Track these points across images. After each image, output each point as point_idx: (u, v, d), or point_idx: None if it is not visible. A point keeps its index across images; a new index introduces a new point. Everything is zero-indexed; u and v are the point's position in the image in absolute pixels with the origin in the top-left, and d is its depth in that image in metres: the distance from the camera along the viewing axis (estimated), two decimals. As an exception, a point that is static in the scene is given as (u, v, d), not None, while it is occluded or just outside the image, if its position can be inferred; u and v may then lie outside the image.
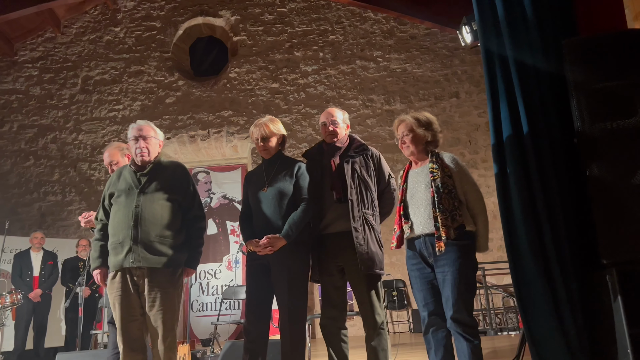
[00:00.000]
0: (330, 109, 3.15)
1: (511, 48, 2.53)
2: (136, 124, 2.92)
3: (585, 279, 2.33)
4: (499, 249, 8.09)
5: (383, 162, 3.07)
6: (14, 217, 8.46)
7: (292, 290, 2.81)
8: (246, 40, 9.60)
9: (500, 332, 7.13)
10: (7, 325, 6.30)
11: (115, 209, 2.80)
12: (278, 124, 3.04)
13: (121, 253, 2.69)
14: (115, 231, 2.75)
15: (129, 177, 2.86)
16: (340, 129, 3.07)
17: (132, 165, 2.89)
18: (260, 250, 2.79)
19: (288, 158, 3.06)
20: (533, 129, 2.43)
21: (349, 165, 2.95)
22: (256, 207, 2.92)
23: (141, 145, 2.82)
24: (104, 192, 2.88)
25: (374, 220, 2.92)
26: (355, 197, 2.87)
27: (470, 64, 9.08)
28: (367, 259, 2.78)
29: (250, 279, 2.91)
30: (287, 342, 2.78)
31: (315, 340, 7.20)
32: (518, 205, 2.43)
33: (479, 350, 2.46)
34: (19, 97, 9.56)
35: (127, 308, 2.68)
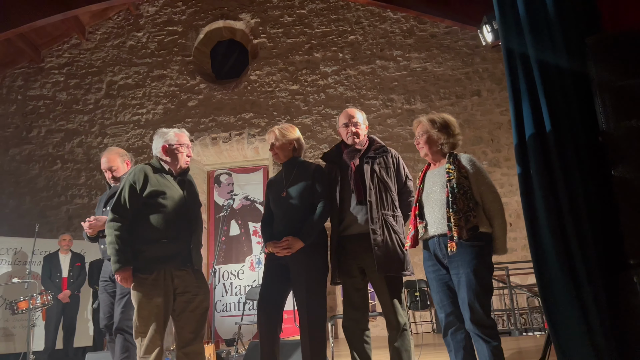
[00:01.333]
0: (350, 109, 3.14)
1: (533, 47, 2.51)
2: (180, 130, 3.00)
3: (611, 279, 2.30)
4: (523, 249, 7.99)
5: (402, 164, 3.07)
6: (43, 220, 8.68)
7: (311, 292, 2.85)
8: (266, 42, 9.67)
9: (525, 333, 7.05)
10: (38, 325, 6.46)
11: (164, 210, 2.75)
12: (288, 131, 3.09)
13: (169, 255, 2.71)
14: (166, 233, 2.72)
15: (167, 181, 2.87)
16: (361, 130, 3.08)
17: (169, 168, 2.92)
18: (278, 251, 2.84)
19: (305, 162, 3.10)
20: (556, 128, 2.40)
21: (368, 167, 2.96)
22: (276, 211, 3.00)
23: (190, 153, 2.97)
24: (128, 189, 2.75)
25: (395, 221, 2.92)
26: (375, 198, 2.88)
27: (491, 61, 8.99)
28: (384, 261, 2.79)
29: (267, 277, 2.97)
30: (307, 347, 2.82)
31: (338, 341, 7.21)
32: (542, 205, 2.41)
33: (499, 351, 2.44)
34: (46, 102, 9.80)
35: (167, 309, 2.70)
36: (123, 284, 2.67)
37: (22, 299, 5.37)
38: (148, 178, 2.79)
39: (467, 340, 2.54)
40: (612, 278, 2.30)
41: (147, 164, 2.92)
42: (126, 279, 2.66)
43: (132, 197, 2.74)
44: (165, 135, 2.94)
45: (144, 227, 2.74)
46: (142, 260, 2.69)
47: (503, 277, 7.23)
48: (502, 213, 2.59)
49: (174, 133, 2.95)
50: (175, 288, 2.74)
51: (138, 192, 2.75)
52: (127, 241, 2.68)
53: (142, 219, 2.75)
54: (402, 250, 2.87)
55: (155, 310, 2.65)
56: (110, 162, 3.53)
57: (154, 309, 2.65)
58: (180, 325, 2.77)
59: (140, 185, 2.75)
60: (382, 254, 2.79)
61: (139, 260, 2.69)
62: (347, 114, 3.11)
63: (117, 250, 2.64)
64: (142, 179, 2.77)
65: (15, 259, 7.14)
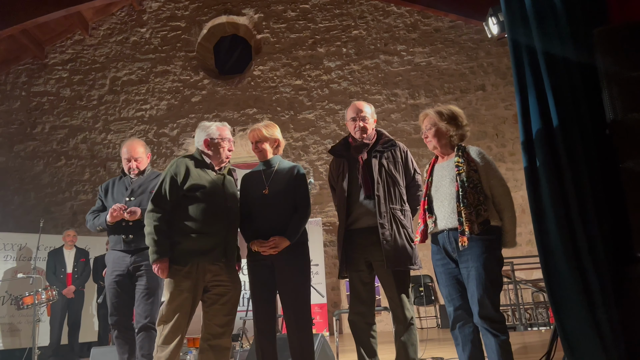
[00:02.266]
0: (358, 103, 3.11)
1: (539, 39, 2.48)
2: (223, 124, 3.00)
3: (618, 273, 2.28)
4: (528, 244, 7.96)
5: (410, 158, 3.05)
6: (47, 216, 8.70)
7: (297, 290, 2.87)
8: (269, 37, 9.64)
9: (530, 328, 7.03)
10: (43, 321, 6.49)
11: (204, 204, 2.77)
12: (272, 129, 3.09)
13: (207, 248, 2.73)
14: (207, 225, 2.74)
15: (209, 175, 2.87)
16: (369, 125, 3.05)
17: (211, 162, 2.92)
18: (265, 250, 2.83)
19: (286, 162, 3.11)
20: (563, 120, 2.38)
21: (377, 161, 2.95)
22: (258, 209, 2.97)
23: (232, 147, 2.98)
24: (169, 181, 2.76)
25: (403, 215, 2.91)
26: (383, 192, 2.87)
27: (496, 55, 8.94)
28: (392, 255, 2.78)
29: (255, 278, 2.96)
30: (296, 343, 2.84)
31: (343, 336, 7.21)
32: (548, 199, 2.39)
33: (507, 345, 2.43)
34: (50, 98, 9.81)
35: (194, 304, 2.72)
36: (159, 274, 2.70)
37: (28, 294, 5.39)
38: (189, 171, 2.81)
39: (475, 334, 2.53)
40: (619, 271, 2.27)
41: (188, 156, 2.93)
42: (163, 269, 2.68)
43: (172, 189, 2.76)
44: (208, 129, 2.95)
45: (182, 219, 2.76)
46: (177, 252, 2.71)
47: (508, 272, 7.21)
48: (512, 206, 2.56)
49: (216, 127, 2.96)
50: (207, 282, 2.76)
51: (179, 185, 2.76)
52: (165, 232, 2.71)
53: (180, 211, 2.77)
54: (411, 244, 2.86)
55: (183, 302, 2.68)
56: (134, 153, 3.49)
57: (183, 300, 2.68)
58: (208, 317, 2.79)
59: (182, 177, 2.77)
60: (391, 248, 2.79)
61: (175, 252, 2.71)
62: (355, 108, 3.07)
63: (156, 241, 2.68)
64: (184, 172, 2.79)
65: (20, 254, 7.16)
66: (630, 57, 2.27)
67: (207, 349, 2.76)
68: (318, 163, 8.90)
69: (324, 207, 8.40)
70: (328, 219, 8.47)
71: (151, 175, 3.57)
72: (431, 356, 4.23)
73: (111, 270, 3.36)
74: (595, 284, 2.26)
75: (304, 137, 9.02)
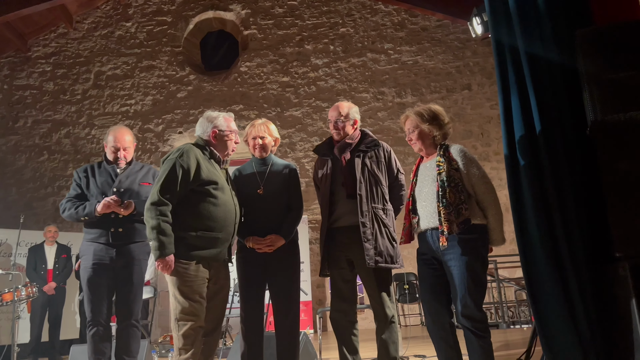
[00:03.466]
0: (339, 104, 3.11)
1: (522, 39, 2.49)
2: (229, 115, 2.88)
3: (597, 272, 2.30)
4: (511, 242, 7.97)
5: (393, 157, 3.07)
6: (29, 212, 8.57)
7: (287, 288, 2.91)
8: (257, 33, 9.59)
9: (512, 326, 7.10)
10: (23, 318, 6.39)
11: (216, 202, 2.65)
12: (274, 127, 3.12)
13: (217, 246, 2.66)
14: (217, 225, 2.64)
15: (216, 170, 2.74)
16: (347, 126, 3.04)
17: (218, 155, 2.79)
18: (261, 247, 2.85)
19: (279, 160, 3.12)
20: (545, 120, 2.40)
21: (359, 160, 2.95)
22: (251, 207, 2.96)
23: (238, 140, 2.88)
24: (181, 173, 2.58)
25: (385, 214, 2.92)
26: (365, 191, 2.88)
27: (482, 55, 8.99)
28: (374, 253, 2.79)
29: (244, 274, 2.97)
30: (284, 340, 2.86)
31: (326, 334, 7.22)
32: (529, 198, 2.41)
33: (488, 345, 2.44)
34: (32, 92, 9.66)
35: (204, 298, 2.63)
36: (164, 270, 2.53)
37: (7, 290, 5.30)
38: (200, 164, 2.65)
39: (448, 334, 2.54)
40: (598, 271, 2.30)
41: (195, 145, 2.76)
42: (169, 266, 2.52)
43: (183, 182, 2.59)
44: (215, 120, 2.81)
45: (189, 214, 2.61)
46: (183, 248, 2.56)
47: (491, 270, 7.27)
48: (497, 203, 2.55)
49: (223, 118, 2.83)
50: (209, 278, 2.68)
51: (190, 178, 2.60)
52: (170, 226, 2.54)
53: (188, 205, 2.62)
54: (392, 243, 2.88)
55: (195, 297, 2.56)
56: (123, 142, 3.29)
57: (197, 297, 2.57)
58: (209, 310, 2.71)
59: (194, 170, 2.61)
60: (372, 247, 2.80)
61: (180, 248, 2.56)
62: (334, 110, 3.08)
63: (162, 237, 2.50)
64: (195, 164, 2.62)
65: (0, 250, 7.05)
66: (611, 59, 2.29)
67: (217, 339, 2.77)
68: (304, 160, 8.88)
69: (310, 205, 8.38)
70: (314, 216, 8.46)
71: (136, 166, 3.40)
72: (414, 354, 4.25)
73: (90, 262, 3.13)
74: (574, 283, 2.29)
75: (291, 135, 9.00)
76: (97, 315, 3.11)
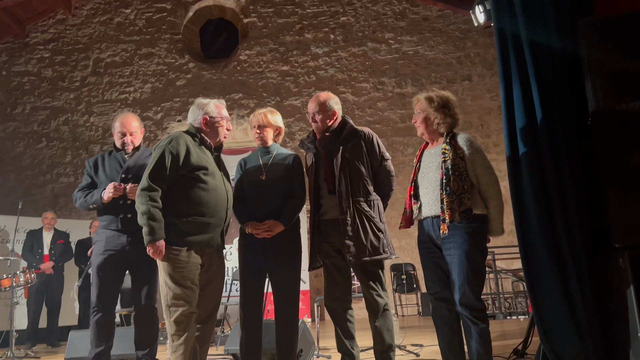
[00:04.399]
0: (316, 96, 3.03)
1: (525, 28, 2.48)
2: (220, 102, 2.87)
3: (596, 263, 2.31)
4: (509, 234, 7.99)
5: (376, 144, 2.97)
6: (27, 198, 8.56)
7: (288, 275, 2.90)
8: (256, 22, 9.53)
9: (509, 316, 7.14)
10: (21, 303, 6.41)
11: (207, 187, 2.65)
12: (276, 116, 3.09)
13: (209, 232, 2.66)
14: (208, 210, 2.64)
15: (207, 156, 2.75)
16: (323, 119, 2.98)
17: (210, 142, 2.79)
18: (259, 233, 2.85)
19: (284, 149, 3.10)
20: (546, 110, 2.39)
21: (339, 154, 2.90)
22: (254, 193, 2.97)
23: (229, 127, 2.86)
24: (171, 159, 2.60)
25: (370, 206, 2.88)
26: (345, 187, 2.84)
27: (483, 46, 8.95)
28: (355, 251, 2.78)
29: (244, 261, 2.97)
30: (282, 327, 2.86)
31: (324, 322, 7.25)
32: (529, 188, 2.41)
33: (486, 333, 2.45)
34: (31, 79, 9.61)
35: (196, 285, 2.61)
36: (155, 256, 2.53)
37: (5, 276, 5.31)
38: (189, 150, 2.65)
39: (454, 321, 2.55)
40: (597, 261, 2.31)
41: (186, 132, 2.76)
42: (159, 251, 2.52)
43: (173, 167, 2.60)
44: (206, 107, 2.80)
45: (180, 200, 2.61)
46: (174, 234, 2.56)
47: (489, 261, 7.29)
48: (499, 194, 2.53)
49: (214, 105, 2.82)
50: (202, 264, 2.67)
51: (180, 163, 2.61)
52: (160, 212, 2.54)
53: (178, 191, 2.62)
54: (378, 234, 2.84)
55: (187, 283, 2.56)
56: (130, 127, 3.27)
57: (188, 283, 2.56)
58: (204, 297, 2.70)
59: (183, 156, 2.62)
60: (354, 243, 2.79)
61: (171, 234, 2.56)
62: (311, 102, 3.02)
63: (152, 222, 2.51)
64: (185, 150, 2.63)
65: (-2, 236, 7.06)
66: (613, 49, 2.28)
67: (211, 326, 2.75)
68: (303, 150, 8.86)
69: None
70: (312, 206, 8.46)
71: (145, 152, 3.36)
72: (411, 343, 4.27)
73: (102, 248, 3.13)
74: (573, 273, 2.29)
75: (290, 124, 8.97)
76: (103, 302, 3.11)
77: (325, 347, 4.32)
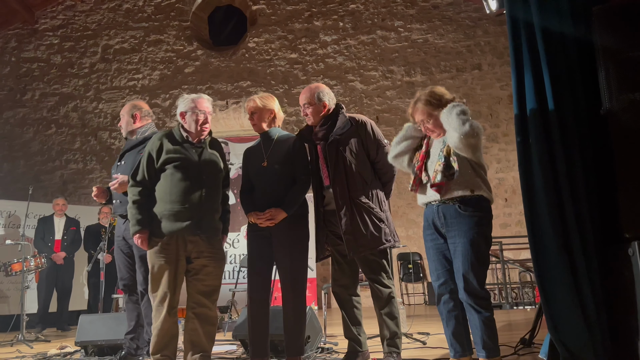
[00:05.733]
0: (306, 88, 3.01)
1: (538, 15, 2.44)
2: (199, 96, 2.94)
3: (606, 253, 2.30)
4: (517, 224, 8.02)
5: (372, 131, 2.94)
6: (37, 184, 8.63)
7: (294, 262, 2.89)
8: (265, 9, 9.48)
9: (516, 307, 7.14)
10: (32, 288, 6.49)
11: (177, 177, 2.79)
12: (268, 100, 3.05)
13: (182, 220, 2.74)
14: (179, 198, 2.76)
15: (184, 148, 2.87)
16: (314, 112, 2.95)
17: (187, 135, 2.89)
18: (262, 222, 2.85)
19: (285, 133, 3.07)
20: (558, 99, 2.36)
21: (334, 148, 2.88)
22: (257, 181, 2.98)
23: (207, 120, 2.91)
24: (147, 157, 2.85)
25: (368, 197, 2.86)
26: (340, 183, 2.84)
27: (493, 35, 8.85)
28: (354, 245, 2.79)
29: (252, 249, 2.98)
30: (290, 314, 2.87)
31: (331, 310, 7.29)
32: (540, 178, 2.39)
33: (491, 321, 2.45)
34: (40, 65, 9.64)
35: (175, 274, 2.74)
36: (140, 245, 2.78)
37: (16, 261, 5.37)
38: (163, 146, 2.84)
39: (459, 310, 2.55)
40: (606, 252, 2.29)
41: (168, 131, 2.95)
42: (142, 241, 2.77)
43: (148, 165, 2.85)
44: (184, 101, 2.93)
45: (159, 192, 2.83)
46: (155, 225, 2.78)
47: (497, 251, 7.27)
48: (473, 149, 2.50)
49: (191, 99, 2.91)
50: (189, 252, 2.79)
51: (154, 160, 2.84)
52: (144, 205, 2.80)
53: (158, 186, 2.85)
54: (378, 224, 2.82)
55: (163, 273, 2.73)
56: (121, 116, 3.53)
57: (163, 271, 2.73)
58: (191, 287, 2.82)
59: (155, 153, 2.84)
60: (352, 238, 2.79)
61: (154, 225, 2.78)
62: (300, 97, 3.02)
63: (133, 214, 2.78)
64: (158, 147, 2.84)
65: (9, 221, 7.13)
66: (628, 37, 2.25)
67: (192, 317, 2.79)
68: (311, 138, 8.85)
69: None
70: (320, 194, 8.47)
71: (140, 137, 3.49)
72: (418, 331, 4.29)
73: (115, 235, 3.50)
74: (582, 263, 2.28)
75: (298, 112, 8.94)
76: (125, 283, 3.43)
77: (332, 335, 4.35)
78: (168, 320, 2.70)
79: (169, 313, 2.71)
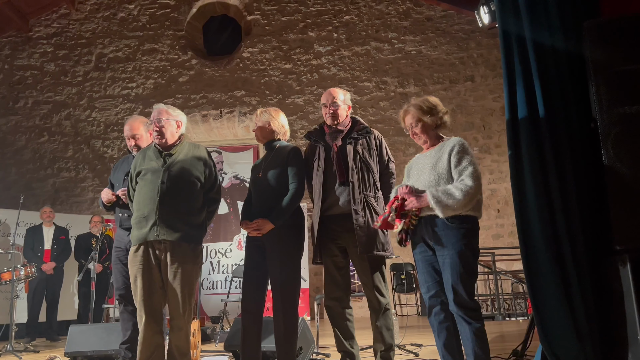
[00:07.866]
0: (332, 89, 3.13)
1: (530, 29, 2.47)
2: (156, 107, 3.01)
3: (597, 265, 2.31)
4: (510, 235, 8.05)
5: (384, 145, 3.08)
6: (28, 192, 8.58)
7: (285, 272, 2.86)
8: (260, 19, 9.52)
9: (508, 318, 7.14)
10: (21, 297, 6.42)
11: (140, 185, 2.87)
12: (269, 113, 3.09)
13: (145, 227, 2.77)
14: (140, 206, 2.83)
15: (153, 156, 2.95)
16: (341, 111, 3.06)
17: (158, 144, 2.96)
18: (250, 231, 2.88)
19: (283, 144, 3.09)
20: (550, 112, 2.39)
21: (351, 147, 2.96)
22: (253, 191, 3.03)
23: (154, 128, 2.95)
24: (130, 172, 3.00)
25: (376, 202, 2.93)
26: (357, 179, 2.88)
27: (486, 47, 8.94)
28: (365, 241, 2.80)
29: (247, 259, 2.99)
30: (281, 325, 2.84)
31: (323, 320, 7.26)
32: (532, 189, 2.40)
33: (482, 332, 2.45)
34: (33, 73, 9.61)
35: (149, 280, 2.75)
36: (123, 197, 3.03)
37: (6, 270, 5.32)
38: (137, 162, 2.97)
39: (450, 322, 2.55)
40: (598, 263, 2.30)
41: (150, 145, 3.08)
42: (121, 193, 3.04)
43: (131, 180, 2.98)
44: None
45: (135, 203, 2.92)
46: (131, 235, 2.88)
47: (489, 262, 7.29)
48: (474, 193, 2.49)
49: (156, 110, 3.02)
50: (159, 261, 2.78)
51: (133, 177, 2.97)
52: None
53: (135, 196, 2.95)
54: (383, 231, 2.87)
55: (138, 280, 2.76)
56: (134, 130, 3.46)
57: (138, 279, 2.76)
58: (168, 298, 2.81)
59: (137, 166, 2.96)
60: (364, 234, 2.81)
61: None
62: (327, 94, 3.11)
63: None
64: (139, 160, 2.97)
65: (-1, 230, 7.07)
66: (618, 51, 2.27)
67: (170, 329, 2.80)
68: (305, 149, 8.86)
69: (310, 193, 8.40)
70: (313, 204, 8.47)
71: None
72: (410, 342, 4.28)
73: (114, 246, 3.48)
74: (574, 275, 2.29)
75: (292, 122, 8.96)
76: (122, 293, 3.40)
77: (325, 345, 4.33)
78: (149, 328, 2.70)
79: (148, 322, 2.70)
